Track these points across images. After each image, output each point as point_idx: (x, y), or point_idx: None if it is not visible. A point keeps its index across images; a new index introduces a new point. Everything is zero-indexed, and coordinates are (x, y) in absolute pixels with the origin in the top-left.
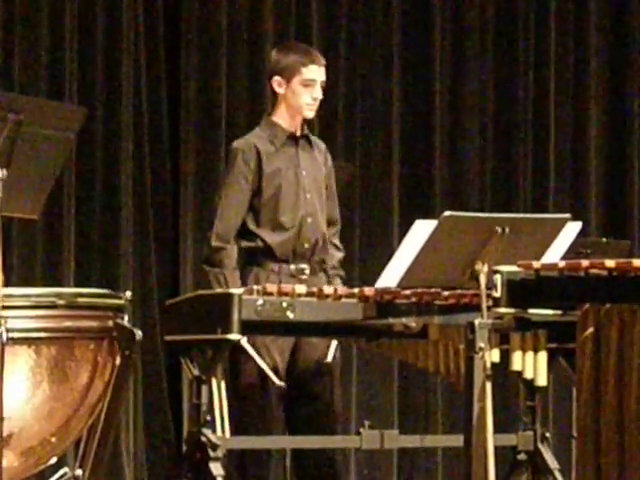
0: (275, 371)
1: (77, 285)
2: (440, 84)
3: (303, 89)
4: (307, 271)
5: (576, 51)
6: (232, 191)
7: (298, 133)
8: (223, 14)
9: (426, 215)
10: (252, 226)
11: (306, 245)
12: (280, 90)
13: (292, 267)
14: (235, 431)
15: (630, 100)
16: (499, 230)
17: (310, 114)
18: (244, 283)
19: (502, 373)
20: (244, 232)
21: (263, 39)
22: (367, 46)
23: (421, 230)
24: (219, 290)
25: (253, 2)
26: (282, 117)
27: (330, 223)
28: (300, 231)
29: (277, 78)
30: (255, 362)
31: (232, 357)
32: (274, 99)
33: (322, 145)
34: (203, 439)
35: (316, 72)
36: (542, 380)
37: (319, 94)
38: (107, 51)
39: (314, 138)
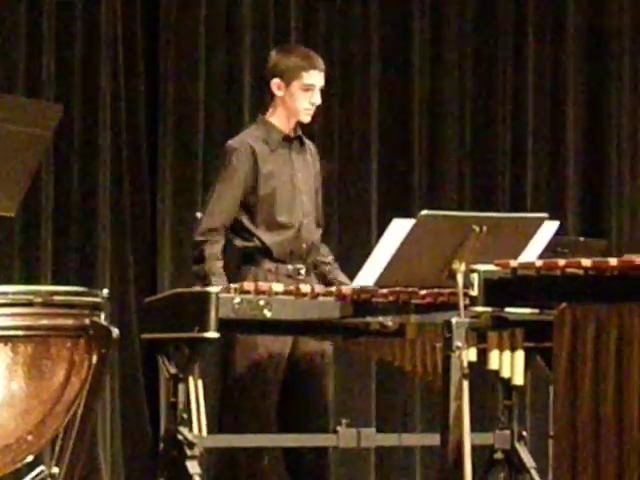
0: (277, 364)
1: (54, 283)
2: (419, 83)
3: (302, 93)
4: (303, 271)
5: (554, 52)
6: (224, 189)
7: (292, 135)
8: (201, 13)
9: (404, 214)
10: (249, 225)
11: (304, 246)
12: (279, 92)
13: (289, 267)
14: (228, 428)
15: (608, 100)
16: (476, 229)
17: (307, 118)
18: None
19: (479, 372)
20: (240, 231)
21: (240, 42)
22: (346, 48)
23: (399, 229)
24: (197, 288)
25: (230, 6)
26: (278, 118)
27: (318, 224)
28: (299, 232)
29: (276, 80)
30: (250, 357)
31: (225, 353)
32: (271, 100)
33: (313, 147)
34: (180, 437)
35: (316, 77)
36: (519, 379)
37: (318, 99)
38: (85, 48)
39: (306, 140)
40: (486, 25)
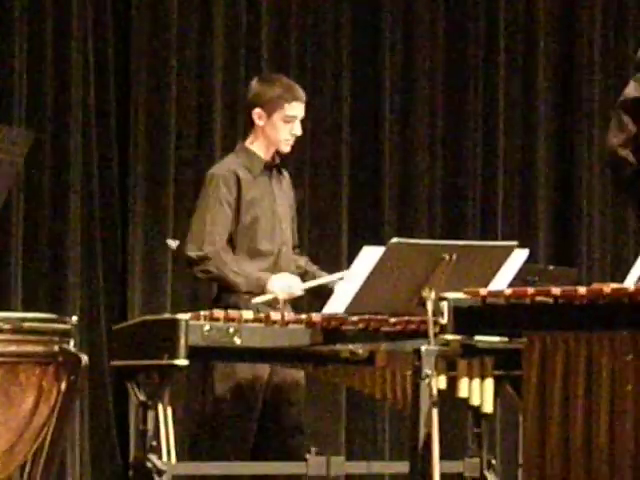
0: (256, 392)
1: (24, 310)
2: (390, 109)
3: (283, 124)
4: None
5: (524, 78)
6: (216, 214)
7: (272, 163)
8: (172, 37)
9: (374, 241)
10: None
11: None
12: (260, 122)
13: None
14: (206, 455)
15: (578, 128)
16: (446, 257)
17: (286, 149)
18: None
19: (449, 400)
20: None
21: (212, 61)
22: (316, 70)
23: (369, 256)
24: (166, 315)
25: (202, 24)
26: (259, 146)
27: (294, 247)
28: (278, 260)
29: (258, 110)
30: (230, 384)
31: (204, 380)
32: (250, 127)
33: (287, 174)
34: (149, 465)
35: (298, 109)
36: (488, 407)
37: (298, 130)
38: (56, 75)
39: (282, 169)
40: (457, 53)
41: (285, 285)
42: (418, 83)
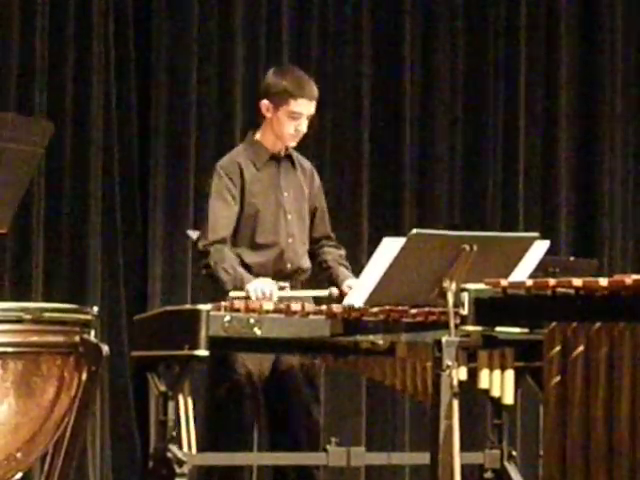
0: (250, 381)
1: (45, 300)
2: (410, 101)
3: (288, 120)
4: (287, 289)
5: (547, 70)
6: (220, 207)
7: (282, 154)
8: (194, 29)
9: (395, 232)
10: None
11: (289, 266)
12: (267, 114)
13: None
14: (211, 446)
15: (601, 119)
16: (467, 248)
17: (292, 143)
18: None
19: (469, 391)
20: None
21: (233, 53)
22: (337, 58)
23: (389, 247)
24: (187, 306)
25: (222, 18)
26: (266, 138)
27: (323, 238)
28: (282, 253)
29: (266, 102)
30: (228, 375)
31: (210, 370)
32: (261, 118)
33: (307, 164)
34: (169, 455)
35: (305, 106)
36: (509, 398)
37: (304, 128)
38: (77, 65)
39: (299, 158)
40: (477, 42)
41: (259, 289)
42: (438, 73)
